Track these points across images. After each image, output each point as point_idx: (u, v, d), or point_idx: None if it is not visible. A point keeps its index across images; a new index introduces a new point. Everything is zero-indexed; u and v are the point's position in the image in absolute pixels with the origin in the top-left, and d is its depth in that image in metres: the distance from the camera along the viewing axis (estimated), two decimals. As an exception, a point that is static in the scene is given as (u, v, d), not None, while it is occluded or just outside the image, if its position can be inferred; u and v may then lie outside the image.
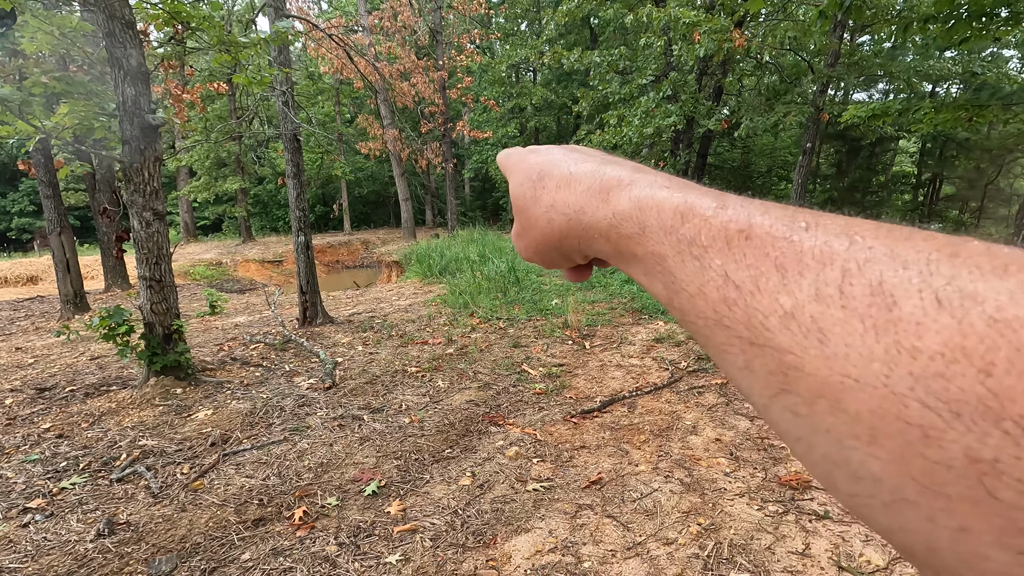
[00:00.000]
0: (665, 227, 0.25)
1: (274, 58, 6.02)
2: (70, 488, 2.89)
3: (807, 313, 0.18)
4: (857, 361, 0.17)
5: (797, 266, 0.20)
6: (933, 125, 8.22)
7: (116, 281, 11.59)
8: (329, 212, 25.20)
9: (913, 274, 0.17)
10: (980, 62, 15.13)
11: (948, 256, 0.17)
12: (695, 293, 0.23)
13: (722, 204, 0.24)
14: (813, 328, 0.18)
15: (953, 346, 0.15)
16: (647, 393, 4.04)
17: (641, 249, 0.26)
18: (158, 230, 4.13)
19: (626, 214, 0.27)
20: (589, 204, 0.29)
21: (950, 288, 0.16)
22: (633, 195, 0.27)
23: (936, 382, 0.15)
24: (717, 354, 0.23)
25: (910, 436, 0.15)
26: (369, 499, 2.76)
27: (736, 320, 0.21)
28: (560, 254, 0.34)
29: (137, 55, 3.93)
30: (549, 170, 0.33)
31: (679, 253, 0.24)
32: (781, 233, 0.21)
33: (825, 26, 6.49)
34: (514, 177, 0.37)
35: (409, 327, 6.43)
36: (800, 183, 11.58)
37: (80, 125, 4.74)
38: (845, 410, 0.17)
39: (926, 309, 0.16)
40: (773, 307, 0.20)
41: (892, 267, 0.17)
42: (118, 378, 4.69)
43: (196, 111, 13.82)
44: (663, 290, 0.25)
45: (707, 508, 2.58)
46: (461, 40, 16.51)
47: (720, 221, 0.23)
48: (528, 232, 0.35)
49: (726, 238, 0.22)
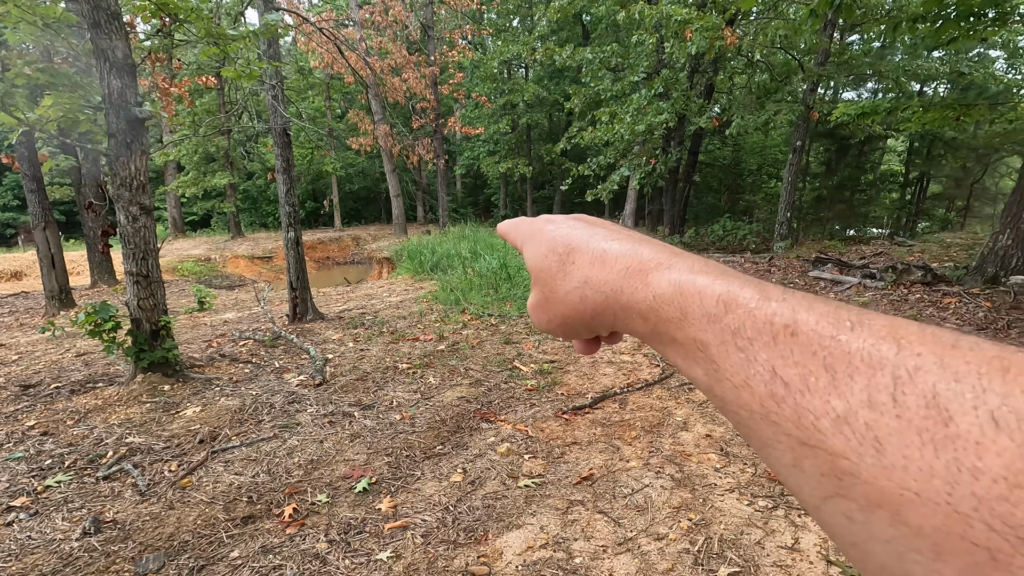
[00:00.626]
0: (708, 315, 0.25)
1: (263, 51, 5.95)
2: (55, 486, 2.85)
3: (861, 419, 0.18)
4: (917, 475, 0.17)
5: (847, 368, 0.20)
6: (921, 124, 8.30)
7: (102, 277, 11.45)
8: (320, 208, 25.07)
9: (966, 388, 0.17)
10: (967, 62, 15.29)
11: (999, 371, 0.17)
12: (740, 385, 0.23)
13: (765, 296, 0.24)
14: (868, 436, 0.18)
15: (1016, 470, 0.15)
16: (638, 389, 4.06)
17: (681, 334, 0.26)
18: (145, 225, 4.07)
19: (667, 298, 0.27)
20: (628, 284, 0.30)
21: (1005, 408, 0.16)
22: (673, 278, 0.27)
23: (1001, 506, 0.15)
24: (762, 447, 0.23)
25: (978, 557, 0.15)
26: (360, 496, 2.74)
27: (784, 418, 0.21)
28: (587, 328, 0.34)
29: (123, 47, 3.86)
30: (578, 245, 0.33)
31: (723, 343, 0.24)
32: (827, 332, 0.21)
33: (815, 25, 6.52)
34: (533, 248, 0.37)
35: (400, 323, 6.40)
36: (790, 181, 11.66)
37: (65, 118, 4.66)
38: (907, 523, 0.17)
39: (984, 429, 0.16)
40: (825, 409, 0.19)
41: (944, 379, 0.17)
42: (104, 375, 4.64)
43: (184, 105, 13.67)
44: (703, 376, 0.25)
45: (697, 503, 2.59)
46: (453, 35, 16.41)
47: (765, 314, 0.23)
48: (553, 306, 0.35)
49: (772, 333, 0.22)
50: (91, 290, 10.97)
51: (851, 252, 10.25)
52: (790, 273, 8.50)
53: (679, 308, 0.26)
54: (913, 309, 5.76)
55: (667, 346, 0.28)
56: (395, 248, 14.93)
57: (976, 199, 23.64)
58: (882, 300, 6.27)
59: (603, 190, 12.19)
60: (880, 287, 6.77)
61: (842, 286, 7.18)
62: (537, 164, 24.77)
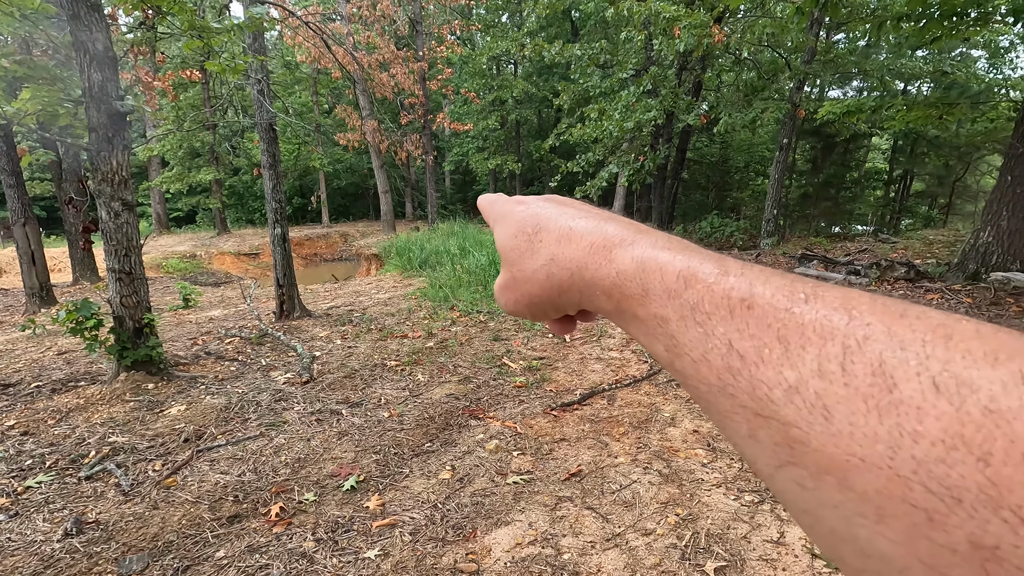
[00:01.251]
0: (668, 290, 0.25)
1: (249, 45, 5.87)
2: (36, 487, 2.80)
3: (811, 388, 0.19)
4: (862, 441, 0.17)
5: (799, 339, 0.20)
6: (905, 122, 8.41)
7: (84, 274, 11.25)
8: (307, 204, 24.79)
9: (911, 355, 0.17)
10: (950, 61, 15.52)
11: (942, 339, 0.18)
12: (698, 359, 0.23)
13: (724, 270, 0.24)
14: (818, 404, 0.19)
15: (952, 433, 0.16)
16: (626, 386, 4.07)
17: (643, 310, 0.26)
18: (127, 221, 4.00)
19: (629, 274, 0.27)
20: (592, 261, 0.30)
21: (946, 374, 0.17)
22: (636, 255, 0.28)
23: (938, 467, 0.16)
24: (720, 420, 0.23)
25: (916, 518, 0.16)
26: (347, 494, 2.73)
27: (740, 389, 0.21)
28: (554, 307, 0.34)
29: (104, 39, 3.79)
30: (546, 223, 0.33)
31: (682, 318, 0.24)
32: (782, 304, 0.22)
33: (802, 23, 6.57)
34: (503, 228, 0.37)
35: (388, 321, 6.37)
36: (777, 178, 11.76)
37: (44, 111, 4.57)
38: (852, 488, 0.17)
39: (925, 394, 0.17)
40: (777, 379, 0.20)
41: (891, 347, 0.18)
42: (87, 373, 4.56)
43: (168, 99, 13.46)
44: (664, 352, 0.26)
45: (685, 499, 2.61)
46: (441, 31, 16.30)
47: (722, 288, 0.24)
48: (521, 285, 0.34)
49: (729, 307, 0.23)
50: (73, 287, 10.78)
51: (836, 249, 10.37)
52: (777, 269, 8.57)
53: (641, 284, 0.27)
54: (896, 305, 5.84)
55: (630, 323, 0.28)
56: (383, 245, 14.85)
57: (958, 197, 24.01)
58: (866, 296, 6.35)
59: (592, 187, 12.21)
60: (864, 283, 6.85)
61: (827, 282, 7.26)
62: (526, 161, 24.74)
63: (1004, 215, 6.11)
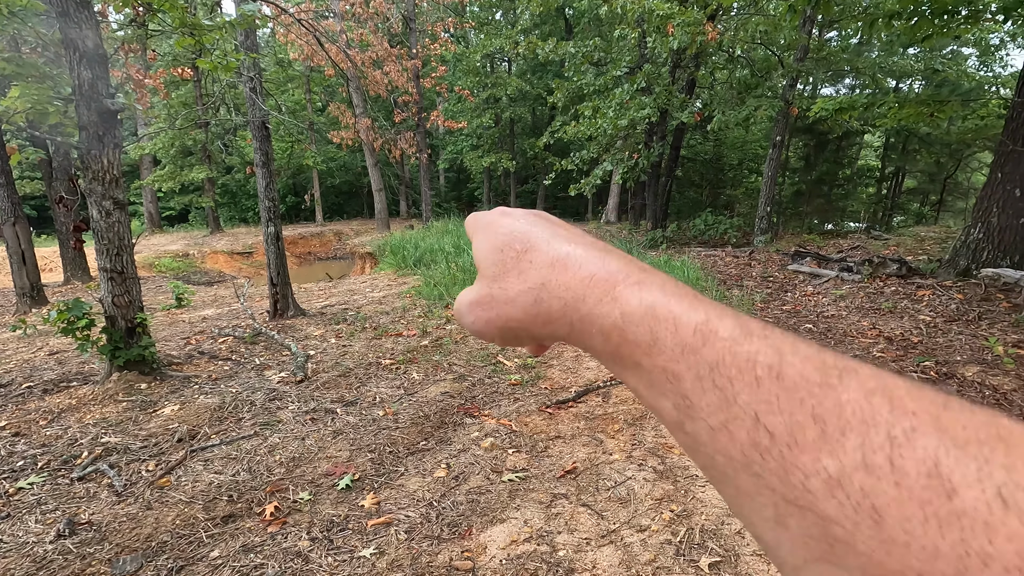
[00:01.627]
0: (683, 345, 0.23)
1: (240, 43, 5.84)
2: (28, 488, 2.78)
3: (856, 483, 0.17)
4: (920, 555, 0.15)
5: (837, 422, 0.18)
6: (897, 120, 8.45)
7: (75, 273, 11.16)
8: (301, 202, 24.68)
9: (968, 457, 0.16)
10: (941, 59, 15.58)
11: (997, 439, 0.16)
12: (717, 427, 0.21)
13: (746, 331, 0.22)
14: (864, 503, 0.17)
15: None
16: (621, 383, 4.07)
17: (649, 361, 0.24)
18: (119, 220, 3.97)
19: (636, 318, 0.25)
20: (591, 294, 0.27)
21: (1012, 486, 0.15)
22: (646, 299, 0.25)
23: None
24: (736, 496, 0.21)
25: None
26: (342, 493, 2.72)
27: (769, 471, 0.19)
28: (531, 336, 0.31)
29: (94, 36, 3.75)
30: (537, 244, 0.30)
31: (699, 378, 0.22)
32: (814, 379, 0.20)
33: (795, 20, 6.59)
34: (485, 238, 0.33)
35: (383, 319, 6.36)
36: (770, 176, 11.80)
37: (33, 109, 4.53)
38: None
39: (991, 507, 0.15)
40: (815, 467, 0.18)
41: (944, 444, 0.16)
42: (79, 373, 4.53)
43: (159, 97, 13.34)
44: (672, 411, 0.23)
45: (679, 495, 2.62)
46: (435, 28, 16.25)
47: (747, 351, 0.21)
48: (500, 305, 0.31)
49: (755, 374, 0.21)
50: (64, 287, 10.69)
51: (829, 246, 10.43)
52: (770, 267, 8.62)
53: (650, 332, 0.24)
54: (889, 301, 5.88)
55: (629, 370, 0.25)
56: (378, 243, 14.80)
57: (949, 194, 24.17)
58: (859, 293, 6.39)
59: (586, 184, 12.21)
60: (857, 280, 6.90)
61: (820, 279, 7.31)
62: (520, 158, 24.71)
63: (994, 212, 6.16)
